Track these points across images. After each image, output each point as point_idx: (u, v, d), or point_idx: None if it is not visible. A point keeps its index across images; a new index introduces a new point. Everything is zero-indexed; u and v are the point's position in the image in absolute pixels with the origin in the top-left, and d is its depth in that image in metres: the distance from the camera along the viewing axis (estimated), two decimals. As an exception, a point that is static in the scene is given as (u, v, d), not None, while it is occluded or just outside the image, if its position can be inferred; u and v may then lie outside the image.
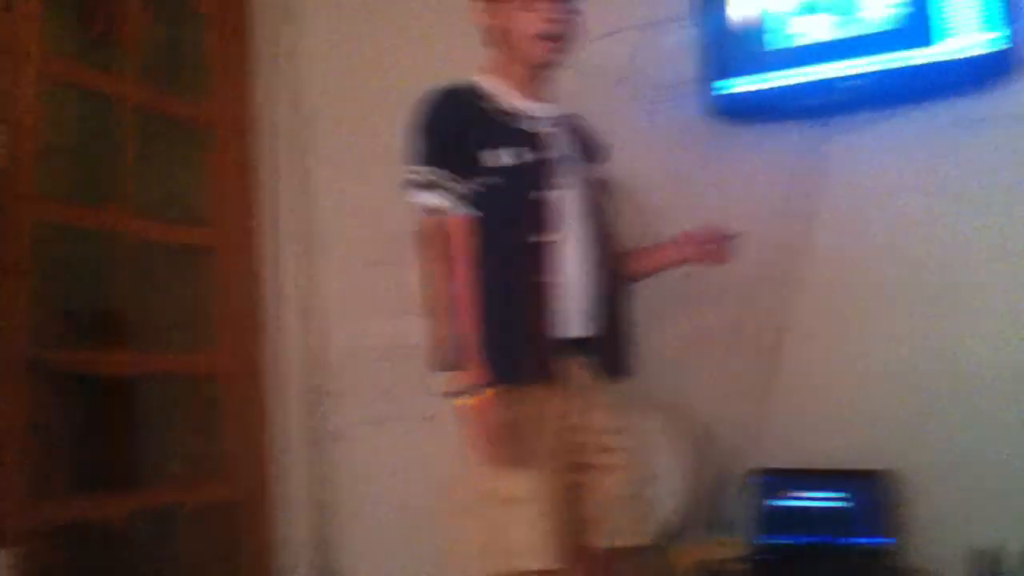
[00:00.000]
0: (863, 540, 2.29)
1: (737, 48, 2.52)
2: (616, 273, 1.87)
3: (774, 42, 2.49)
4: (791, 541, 2.34)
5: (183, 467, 2.93)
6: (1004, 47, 2.25)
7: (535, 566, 1.61)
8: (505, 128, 1.75)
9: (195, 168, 3.07)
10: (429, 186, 1.71)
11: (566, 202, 1.75)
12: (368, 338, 3.03)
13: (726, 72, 2.52)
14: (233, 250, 3.07)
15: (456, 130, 1.73)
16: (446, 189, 1.70)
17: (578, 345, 1.73)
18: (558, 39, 1.79)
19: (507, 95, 1.81)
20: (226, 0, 3.12)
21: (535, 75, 1.83)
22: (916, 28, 2.33)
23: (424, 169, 1.72)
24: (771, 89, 2.48)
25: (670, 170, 2.66)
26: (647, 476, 1.84)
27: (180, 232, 3.01)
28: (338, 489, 3.09)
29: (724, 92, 2.52)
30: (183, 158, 3.06)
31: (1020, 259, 2.34)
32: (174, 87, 3.01)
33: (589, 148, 1.91)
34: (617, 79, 2.67)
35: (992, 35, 2.25)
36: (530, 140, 1.76)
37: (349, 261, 3.09)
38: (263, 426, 3.06)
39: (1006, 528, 2.22)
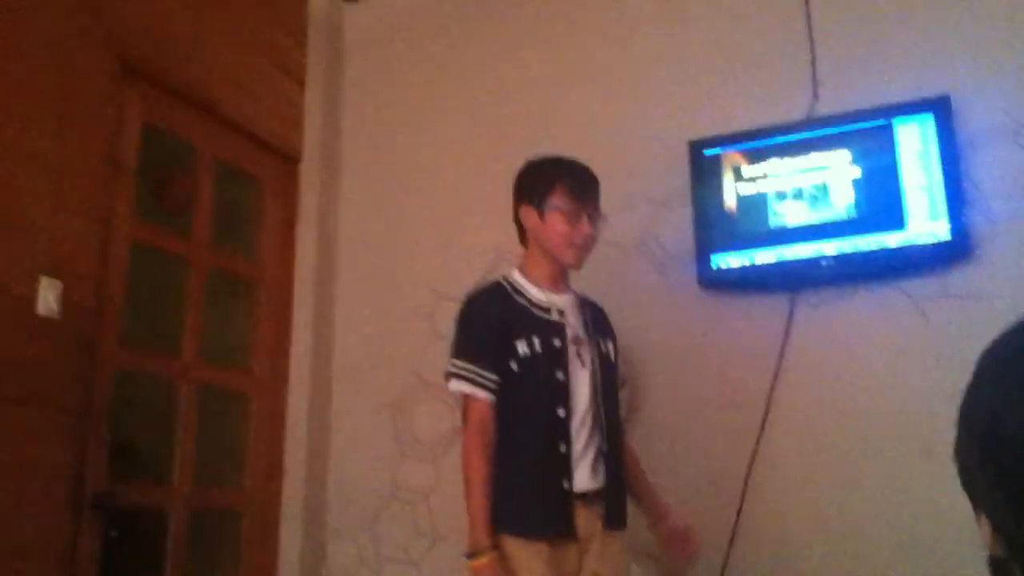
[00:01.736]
0: None
1: (726, 227, 2.81)
2: (620, 438, 2.16)
3: (759, 223, 2.78)
4: None
5: None
6: (953, 236, 2.55)
7: None
8: (533, 319, 2.08)
9: (242, 319, 3.37)
10: (462, 377, 2.02)
11: (580, 381, 2.07)
12: (369, 481, 3.29)
13: (716, 248, 2.82)
14: (265, 394, 3.32)
15: (492, 326, 2.05)
16: (475, 379, 2.00)
17: (586, 500, 2.02)
18: (582, 247, 2.14)
19: (535, 288, 2.13)
20: (279, 173, 3.50)
21: (561, 271, 2.18)
22: (878, 217, 2.63)
23: (458, 363, 2.04)
24: (754, 265, 2.77)
25: (668, 330, 2.94)
26: None
27: (228, 376, 3.28)
28: None
29: (714, 266, 2.83)
30: (233, 310, 3.36)
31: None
32: (231, 245, 3.34)
33: (602, 330, 2.23)
34: (627, 250, 3.02)
35: (943, 225, 2.56)
36: (554, 328, 2.08)
37: (359, 406, 3.36)
38: (276, 563, 3.23)
39: None
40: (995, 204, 2.61)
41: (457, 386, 2.02)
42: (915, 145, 2.65)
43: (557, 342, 2.07)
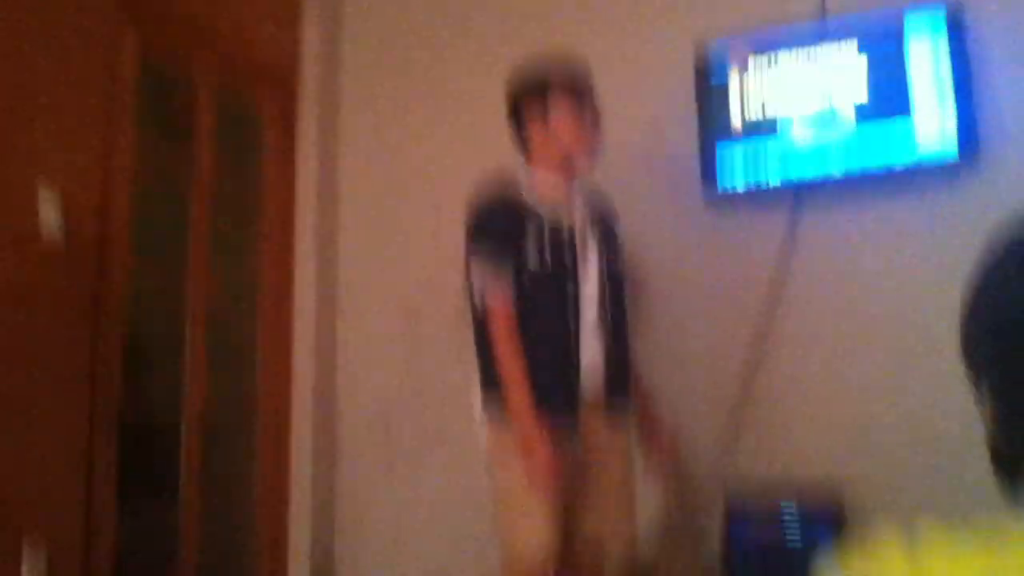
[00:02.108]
0: (817, 563, 2.43)
1: (733, 133, 2.77)
2: (626, 340, 2.21)
3: (767, 128, 2.74)
4: (754, 560, 2.54)
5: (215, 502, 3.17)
6: (960, 141, 2.52)
7: (536, 561, 1.99)
8: (542, 232, 2.08)
9: (245, 246, 3.40)
10: (486, 277, 2.04)
11: (589, 290, 2.10)
12: (379, 383, 3.35)
13: (722, 155, 2.79)
14: (272, 305, 3.36)
15: (503, 238, 2.07)
16: (499, 281, 2.03)
17: (596, 401, 2.11)
18: (589, 151, 2.12)
19: (544, 200, 2.12)
20: (277, 100, 3.45)
21: (566, 178, 2.16)
22: (886, 121, 2.60)
23: (481, 263, 2.06)
24: (760, 171, 2.75)
25: (672, 242, 2.95)
26: (633, 505, 2.20)
27: (232, 282, 3.32)
28: (344, 516, 3.36)
29: (720, 174, 2.79)
30: (236, 235, 3.37)
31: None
32: (234, 177, 3.33)
33: (608, 227, 2.23)
34: (632, 160, 2.97)
35: (951, 128, 2.53)
36: (563, 240, 2.10)
37: (367, 313, 3.40)
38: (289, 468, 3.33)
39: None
40: (1005, 108, 2.56)
41: (481, 285, 2.04)
42: (926, 45, 2.58)
43: (567, 254, 2.07)
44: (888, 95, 2.61)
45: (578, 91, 2.15)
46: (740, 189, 2.79)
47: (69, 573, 2.50)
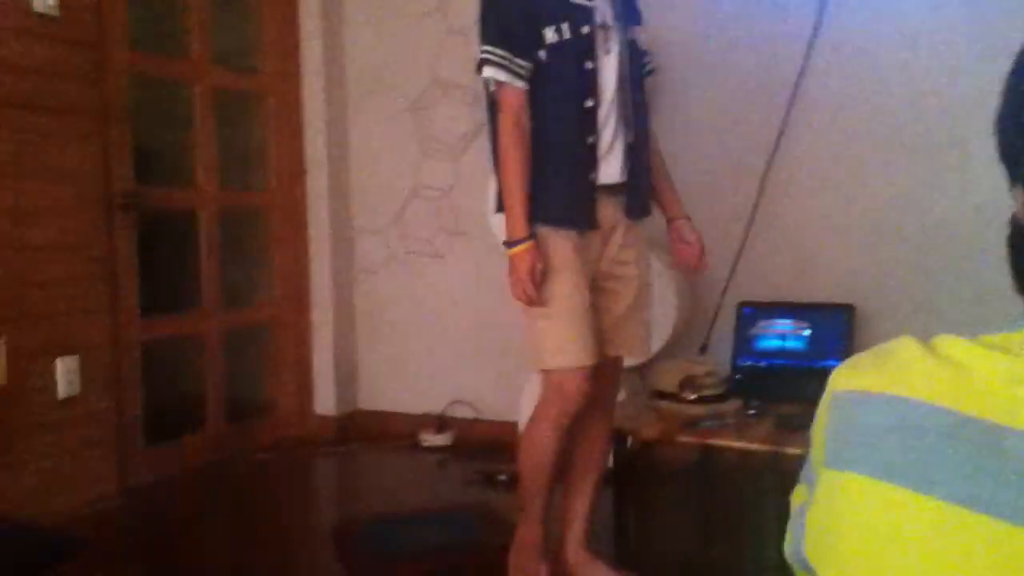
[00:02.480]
0: (828, 365, 2.49)
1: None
2: (646, 128, 2.10)
3: None
4: (764, 364, 2.61)
5: (237, 293, 3.27)
6: None
7: (563, 364, 1.96)
8: (561, 3, 1.93)
9: (246, 17, 3.27)
10: (496, 64, 1.91)
11: (607, 69, 1.97)
12: (391, 179, 3.34)
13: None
14: (279, 96, 3.29)
15: (520, 12, 1.92)
16: (509, 67, 1.90)
17: (611, 191, 2.00)
18: None
19: None
20: None
21: None
22: None
23: (491, 49, 1.91)
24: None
25: (695, 14, 2.83)
26: (651, 301, 2.14)
27: (239, 79, 3.25)
28: (362, 314, 3.46)
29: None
30: (234, 4, 3.26)
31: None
32: None
33: (631, 10, 2.09)
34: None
35: None
36: (582, 13, 1.95)
37: (380, 107, 3.33)
38: (304, 257, 3.38)
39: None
40: None
41: (492, 73, 1.92)
42: None
43: (585, 28, 1.95)
44: None
45: None
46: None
47: (100, 379, 2.61)
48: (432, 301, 3.33)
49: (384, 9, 3.30)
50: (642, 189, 2.08)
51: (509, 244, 1.92)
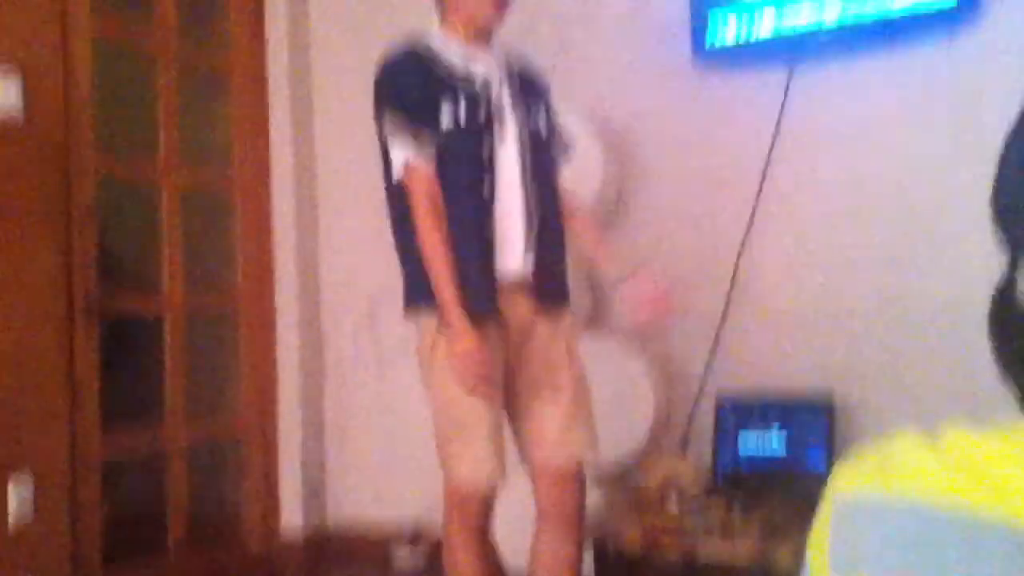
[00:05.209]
0: (809, 465, 2.45)
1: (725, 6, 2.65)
2: (556, 214, 2.00)
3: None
4: (746, 464, 2.53)
5: (202, 402, 3.13)
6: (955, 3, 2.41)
7: (466, 479, 1.86)
8: (456, 90, 1.88)
9: (216, 114, 3.23)
10: (403, 145, 1.83)
11: (505, 159, 1.90)
12: (362, 278, 3.23)
13: (712, 15, 2.66)
14: (249, 197, 3.23)
15: (415, 92, 1.86)
16: (417, 147, 1.83)
17: (519, 286, 1.90)
18: (494, 6, 1.91)
19: (456, 54, 1.92)
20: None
21: (482, 32, 1.95)
22: None
23: (395, 131, 1.84)
24: (751, 36, 2.63)
25: (658, 107, 2.83)
26: (588, 400, 1.97)
27: (208, 181, 3.19)
28: (332, 422, 3.32)
29: (709, 36, 2.67)
30: (206, 105, 3.22)
31: (968, 194, 2.50)
32: (200, 38, 3.16)
33: (534, 94, 2.02)
34: (619, 22, 2.87)
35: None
36: (478, 99, 1.89)
37: (351, 208, 3.26)
38: (272, 363, 3.27)
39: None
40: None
41: (399, 154, 1.84)
42: None
43: (482, 114, 1.89)
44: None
45: None
46: (730, 44, 2.69)
47: (56, 501, 2.48)
48: (403, 405, 3.23)
49: (355, 113, 3.28)
50: (554, 280, 1.99)
51: (443, 333, 1.81)
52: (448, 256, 1.81)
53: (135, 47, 2.92)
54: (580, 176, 2.52)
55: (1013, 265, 0.53)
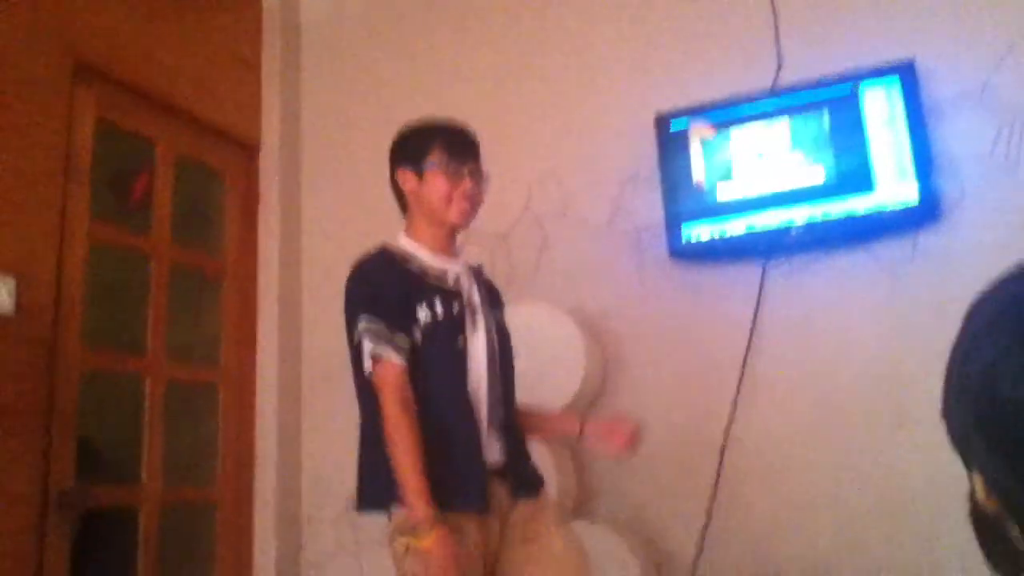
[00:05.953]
0: None
1: (695, 199, 2.80)
2: (513, 409, 2.03)
3: (727, 193, 2.77)
4: None
5: None
6: (921, 200, 2.55)
7: None
8: (427, 287, 1.94)
9: (206, 314, 3.31)
10: (375, 340, 1.84)
11: (477, 349, 1.94)
12: (343, 467, 3.20)
13: (686, 220, 2.81)
14: (233, 388, 3.26)
15: (389, 290, 1.90)
16: (389, 342, 1.83)
17: (495, 473, 1.89)
18: (467, 205, 2.00)
19: (427, 254, 2.00)
20: (239, 164, 3.44)
21: (448, 233, 2.04)
22: (847, 182, 2.63)
23: (367, 326, 1.85)
24: (725, 235, 2.77)
25: (635, 302, 2.94)
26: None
27: (195, 372, 3.24)
28: None
29: (685, 238, 2.81)
30: (197, 305, 3.31)
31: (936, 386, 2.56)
32: (193, 240, 3.28)
33: (495, 301, 2.11)
34: (598, 227, 3.01)
35: (911, 188, 2.56)
36: (451, 295, 1.96)
37: (330, 393, 3.26)
38: (251, 554, 3.20)
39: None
40: (963, 167, 2.61)
41: (372, 349, 1.83)
42: (882, 110, 2.64)
43: (456, 308, 1.94)
44: (849, 167, 2.65)
45: (460, 144, 2.04)
46: (704, 242, 2.81)
47: None
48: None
49: (338, 315, 3.36)
50: (526, 466, 2.01)
51: (411, 533, 1.73)
52: (418, 447, 1.78)
53: (130, 251, 3.03)
54: (564, 365, 2.59)
55: (970, 477, 0.56)
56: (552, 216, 3.09)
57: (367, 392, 1.90)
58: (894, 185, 2.60)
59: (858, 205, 2.63)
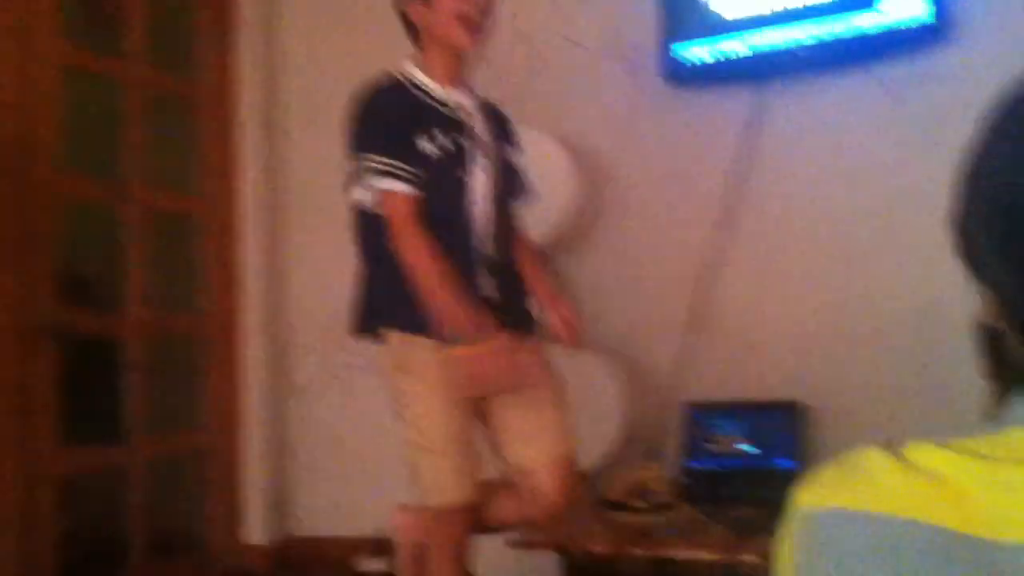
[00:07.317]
0: (777, 465, 2.49)
1: (691, 16, 2.67)
2: (512, 246, 2.05)
3: (726, 8, 2.65)
4: (714, 466, 2.55)
5: (164, 419, 3.08)
6: (935, 17, 2.44)
7: (443, 503, 1.88)
8: (438, 116, 1.91)
9: (182, 138, 3.22)
10: (384, 172, 1.83)
11: (478, 183, 1.93)
12: (329, 292, 3.15)
13: (680, 38, 2.69)
14: (213, 217, 3.22)
15: (397, 121, 1.87)
16: (400, 174, 1.83)
17: (490, 302, 1.92)
18: (476, 25, 1.92)
19: (436, 85, 1.95)
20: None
21: (457, 62, 1.98)
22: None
23: (376, 157, 1.84)
24: (722, 55, 2.65)
25: (626, 128, 2.85)
26: (566, 408, 2.01)
27: (172, 200, 3.16)
28: (299, 436, 3.30)
29: (678, 58, 2.70)
30: (172, 129, 3.19)
31: (939, 209, 2.53)
32: (167, 63, 3.13)
33: (506, 136, 2.07)
34: (583, 43, 2.88)
35: (921, 5, 2.44)
36: (459, 126, 1.93)
37: (319, 218, 3.25)
38: (236, 379, 3.25)
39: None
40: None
41: (378, 183, 1.83)
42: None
43: (463, 141, 1.93)
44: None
45: None
46: (701, 63, 2.70)
47: (7, 518, 2.44)
48: (369, 417, 3.20)
49: (324, 137, 3.27)
50: (519, 303, 2.03)
51: (456, 342, 1.78)
52: (443, 267, 1.82)
53: (101, 74, 2.90)
54: (551, 188, 2.55)
55: (978, 293, 0.54)
56: (541, 33, 2.94)
57: (366, 222, 1.91)
58: (904, 1, 2.46)
59: (864, 21, 2.51)
